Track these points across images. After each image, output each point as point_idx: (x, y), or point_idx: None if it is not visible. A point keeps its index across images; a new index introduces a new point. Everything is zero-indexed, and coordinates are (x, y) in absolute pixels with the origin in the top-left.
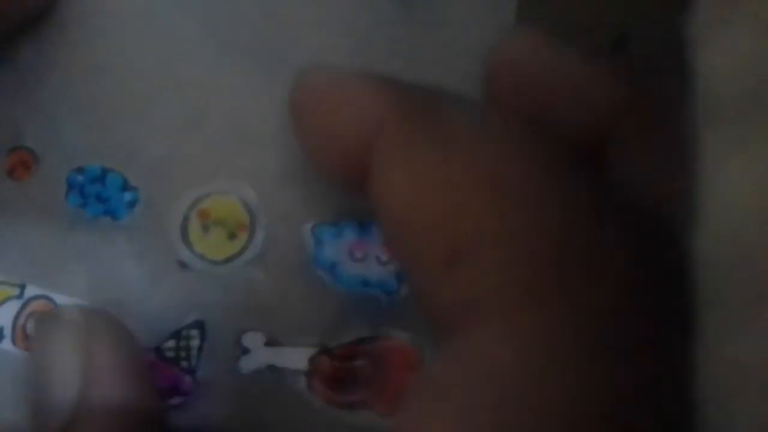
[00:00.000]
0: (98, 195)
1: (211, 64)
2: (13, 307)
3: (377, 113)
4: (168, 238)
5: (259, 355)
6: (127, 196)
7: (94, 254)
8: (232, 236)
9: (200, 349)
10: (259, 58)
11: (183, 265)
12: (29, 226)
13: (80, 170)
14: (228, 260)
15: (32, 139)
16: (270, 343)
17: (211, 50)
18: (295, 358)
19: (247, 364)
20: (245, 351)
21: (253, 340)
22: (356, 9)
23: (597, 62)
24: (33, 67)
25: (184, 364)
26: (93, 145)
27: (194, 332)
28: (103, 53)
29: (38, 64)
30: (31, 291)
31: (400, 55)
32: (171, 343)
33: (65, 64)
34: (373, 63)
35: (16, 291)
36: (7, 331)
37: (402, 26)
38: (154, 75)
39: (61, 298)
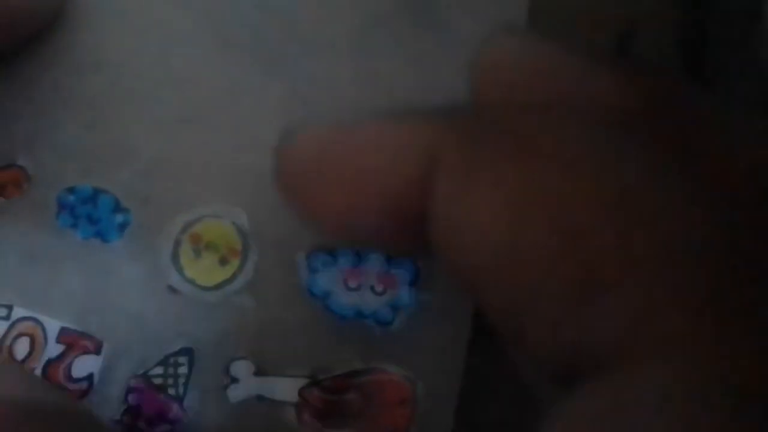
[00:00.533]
0: (89, 216)
1: (207, 59)
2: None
3: (424, 143)
4: (159, 262)
5: (247, 385)
6: (119, 217)
7: (83, 277)
8: (223, 261)
9: (188, 376)
10: (256, 55)
11: (173, 290)
12: (19, 246)
13: (71, 190)
14: (219, 286)
15: (25, 156)
16: (259, 372)
17: (207, 46)
18: (285, 389)
19: (236, 393)
20: (234, 380)
21: (241, 369)
22: (356, 5)
23: (595, 62)
24: (27, 64)
25: (172, 391)
26: (87, 143)
27: (182, 359)
28: (97, 50)
29: (32, 61)
30: (18, 312)
31: (400, 53)
32: (159, 370)
33: (60, 61)
34: (372, 61)
35: (3, 312)
36: None
37: (402, 23)
38: (150, 72)
39: (47, 320)
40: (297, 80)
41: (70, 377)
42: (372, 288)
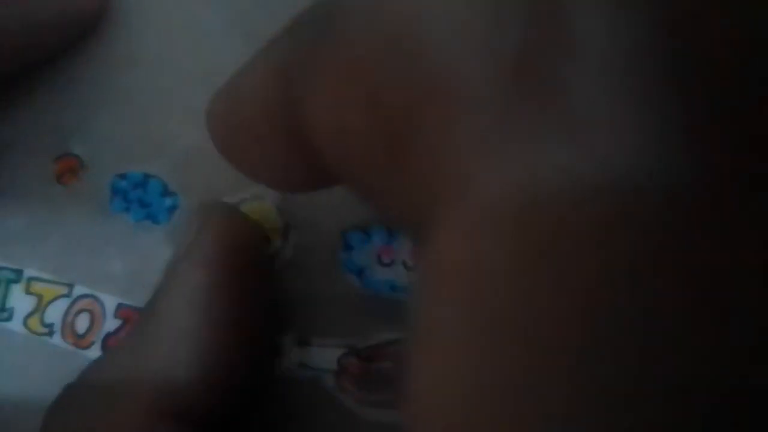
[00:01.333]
0: (140, 200)
1: (236, 53)
2: (62, 305)
3: (278, 67)
4: None
5: (291, 354)
6: (168, 201)
7: (137, 257)
8: (266, 240)
9: None
10: None
11: None
12: (78, 229)
13: (123, 176)
14: None
15: (79, 146)
16: (302, 342)
17: (236, 40)
18: (326, 357)
19: (281, 361)
20: (279, 349)
21: (286, 339)
22: None
23: None
24: (68, 61)
25: None
26: (126, 137)
27: None
28: (132, 47)
29: (73, 58)
30: (78, 290)
31: None
32: None
33: (97, 58)
34: None
35: (65, 290)
36: (57, 327)
37: None
38: (181, 66)
39: (106, 297)
40: None
41: None
42: (404, 263)
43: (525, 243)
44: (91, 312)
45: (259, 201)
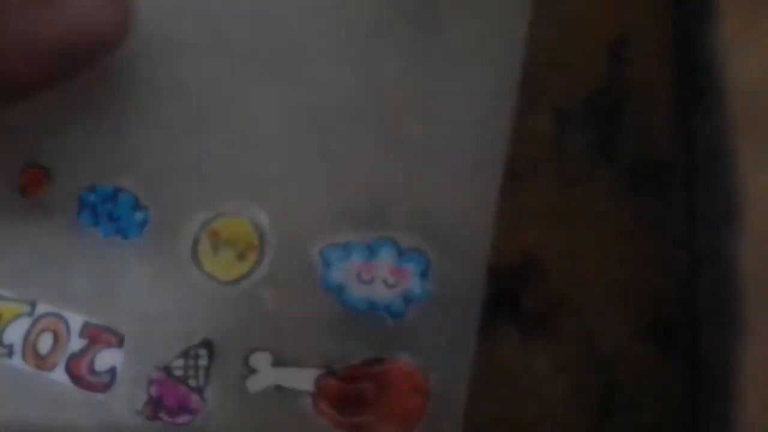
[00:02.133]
0: (110, 214)
1: (214, 69)
2: (23, 324)
3: None
4: (178, 258)
5: (265, 376)
6: (139, 215)
7: (104, 273)
8: (241, 257)
9: (208, 368)
10: (261, 64)
11: (193, 285)
12: (42, 244)
13: (92, 189)
14: (237, 280)
15: (47, 157)
16: (277, 363)
17: (213, 55)
18: (302, 379)
19: (254, 383)
20: (252, 371)
21: (260, 360)
22: (358, 15)
23: None
24: None
25: (192, 382)
26: (97, 150)
27: (203, 351)
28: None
29: None
30: (41, 308)
31: (400, 59)
32: (179, 362)
33: None
34: (373, 67)
35: (26, 308)
36: (18, 348)
37: (402, 30)
38: (157, 80)
39: (71, 315)
40: (299, 87)
41: (93, 370)
42: (384, 281)
43: None
44: (54, 332)
45: (234, 216)
